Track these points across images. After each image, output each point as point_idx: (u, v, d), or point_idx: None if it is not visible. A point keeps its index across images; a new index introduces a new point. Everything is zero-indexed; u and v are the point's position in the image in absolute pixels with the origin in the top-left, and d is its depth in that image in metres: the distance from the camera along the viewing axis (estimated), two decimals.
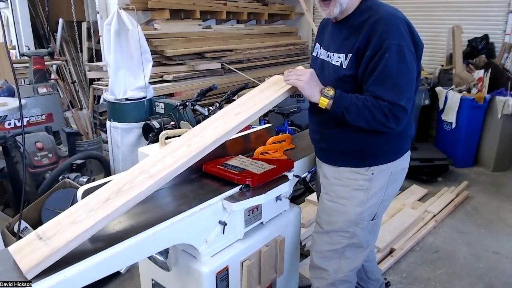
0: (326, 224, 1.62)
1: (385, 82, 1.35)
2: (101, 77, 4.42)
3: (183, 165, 1.26)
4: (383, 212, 1.66)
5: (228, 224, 1.41)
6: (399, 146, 1.57)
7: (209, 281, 1.41)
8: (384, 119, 1.36)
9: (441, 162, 3.95)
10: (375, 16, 1.38)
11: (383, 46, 1.33)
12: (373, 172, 1.53)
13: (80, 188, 1.38)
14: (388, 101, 1.35)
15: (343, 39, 1.48)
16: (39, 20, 5.49)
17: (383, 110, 1.35)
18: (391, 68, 1.33)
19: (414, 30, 1.42)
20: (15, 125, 3.52)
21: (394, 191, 1.65)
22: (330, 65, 1.51)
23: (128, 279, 2.41)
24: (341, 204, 1.56)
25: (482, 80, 4.15)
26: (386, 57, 1.33)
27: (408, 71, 1.37)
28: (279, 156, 1.72)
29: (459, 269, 2.57)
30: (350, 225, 1.57)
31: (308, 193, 3.33)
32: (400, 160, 1.57)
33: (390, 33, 1.34)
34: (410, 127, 1.59)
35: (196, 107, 3.02)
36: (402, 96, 1.35)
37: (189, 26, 4.76)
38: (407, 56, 1.35)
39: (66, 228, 1.05)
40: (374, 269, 1.96)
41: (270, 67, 5.36)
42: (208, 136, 1.36)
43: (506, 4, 4.53)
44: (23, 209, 2.29)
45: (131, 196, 1.13)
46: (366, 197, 1.54)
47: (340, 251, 1.61)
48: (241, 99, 1.58)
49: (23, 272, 0.96)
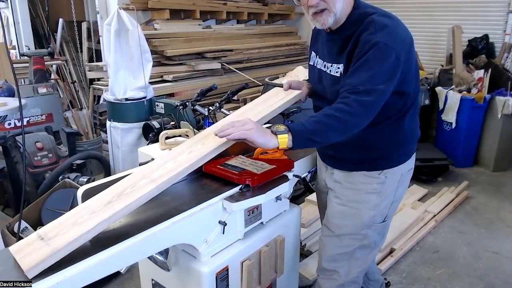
0: (337, 228, 1.59)
1: (361, 73, 1.29)
2: (101, 77, 4.43)
3: (184, 170, 1.28)
4: (393, 213, 1.65)
5: (228, 224, 1.41)
6: (410, 148, 1.59)
7: (209, 281, 1.41)
8: (348, 116, 1.26)
9: (441, 162, 3.95)
10: (368, 19, 1.34)
11: (370, 42, 1.29)
12: (386, 175, 1.52)
13: (80, 188, 1.38)
14: (359, 90, 1.26)
15: (338, 50, 1.44)
16: (39, 20, 5.50)
17: (346, 106, 1.26)
18: (372, 62, 1.28)
19: (410, 35, 1.38)
20: (15, 125, 3.53)
21: (404, 191, 1.65)
22: (329, 76, 1.48)
23: (128, 279, 2.41)
24: (354, 208, 1.55)
25: (482, 80, 4.15)
26: (369, 53, 1.29)
27: (388, 70, 1.29)
28: (279, 156, 1.72)
29: (459, 269, 2.57)
30: (363, 227, 1.55)
31: (308, 193, 3.33)
32: (408, 161, 1.58)
33: (379, 33, 1.29)
34: (416, 128, 1.59)
35: (196, 107, 3.02)
36: (374, 87, 1.27)
37: (189, 26, 4.76)
38: (392, 57, 1.28)
39: (68, 229, 1.06)
40: (374, 270, 1.96)
41: (270, 67, 5.36)
42: (210, 144, 1.39)
43: (506, 4, 4.53)
44: (23, 209, 2.29)
45: (132, 199, 1.15)
46: (379, 200, 1.53)
47: (350, 253, 1.59)
48: (244, 108, 1.62)
49: (24, 271, 0.96)
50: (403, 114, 1.47)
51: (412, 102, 1.48)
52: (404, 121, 1.48)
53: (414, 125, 1.55)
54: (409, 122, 1.50)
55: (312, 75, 1.64)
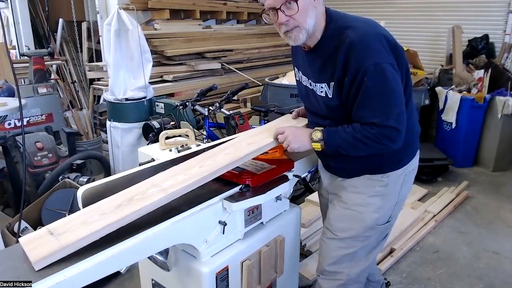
0: (341, 231, 1.58)
1: (370, 105, 1.32)
2: (101, 77, 4.43)
3: (195, 183, 1.30)
4: (398, 213, 1.65)
5: (228, 224, 1.42)
6: (413, 147, 1.58)
7: (209, 281, 1.41)
8: (378, 145, 1.35)
9: (441, 162, 3.95)
10: (346, 41, 1.31)
11: (360, 70, 1.29)
12: (389, 177, 1.52)
13: (80, 188, 1.38)
14: (377, 125, 1.32)
15: (319, 69, 1.43)
16: (39, 20, 5.50)
17: (374, 138, 1.34)
18: (373, 90, 1.30)
19: (390, 38, 1.36)
20: (15, 125, 3.53)
21: (408, 190, 1.64)
22: (316, 94, 1.48)
23: (128, 279, 2.41)
24: (358, 212, 1.54)
25: (482, 80, 4.15)
26: (365, 81, 1.29)
27: (391, 88, 1.32)
28: (279, 156, 1.72)
29: (459, 269, 2.57)
30: (366, 230, 1.55)
31: (308, 193, 3.33)
32: (412, 161, 1.58)
33: (365, 55, 1.29)
34: (415, 125, 1.59)
35: (196, 107, 3.02)
36: (389, 116, 1.32)
37: (189, 26, 4.77)
38: (387, 72, 1.30)
39: (77, 227, 1.10)
40: (374, 272, 1.94)
41: (270, 67, 5.36)
42: (220, 160, 1.41)
43: (506, 4, 4.53)
44: (23, 209, 2.29)
45: (142, 205, 1.18)
46: (383, 202, 1.53)
47: (352, 254, 1.59)
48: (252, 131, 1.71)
49: (32, 262, 0.98)
50: None
51: (406, 101, 1.44)
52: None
53: (412, 123, 1.52)
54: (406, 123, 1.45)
55: (299, 91, 1.64)
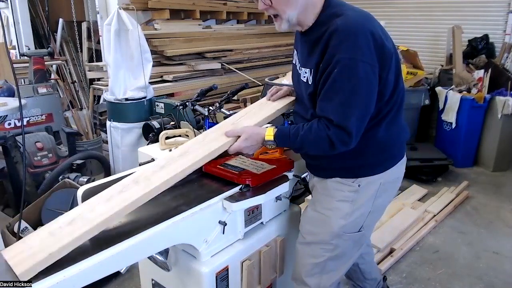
0: (309, 234, 1.55)
1: (332, 99, 1.28)
2: (101, 77, 4.43)
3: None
4: (372, 224, 1.59)
5: (228, 224, 1.41)
6: (391, 155, 1.49)
7: (209, 281, 1.41)
8: (329, 147, 1.32)
9: (441, 162, 3.94)
10: (332, 27, 1.26)
11: (333, 60, 1.25)
12: (360, 183, 1.44)
13: (80, 188, 1.38)
14: (334, 124, 1.28)
15: (307, 54, 1.41)
16: (39, 20, 5.49)
17: (327, 139, 1.30)
18: (340, 84, 1.25)
19: (378, 37, 1.27)
20: (15, 125, 3.53)
21: (385, 202, 1.56)
22: (300, 80, 1.46)
23: (128, 279, 2.41)
24: (325, 215, 1.49)
25: (482, 80, 4.15)
26: (335, 72, 1.25)
27: (359, 87, 1.25)
28: (279, 156, 1.72)
29: (459, 269, 2.57)
30: (333, 237, 1.49)
31: (308, 193, 3.32)
32: (392, 169, 1.49)
33: (343, 46, 1.24)
34: (402, 132, 1.51)
35: (196, 107, 3.02)
36: (349, 117, 1.27)
37: (189, 26, 4.76)
38: (360, 70, 1.23)
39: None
40: (371, 270, 1.92)
41: (270, 67, 5.36)
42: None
43: (506, 4, 4.53)
44: (23, 209, 2.29)
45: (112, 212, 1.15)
46: (351, 209, 1.46)
47: (321, 265, 1.53)
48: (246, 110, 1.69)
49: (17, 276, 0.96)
50: (378, 121, 1.39)
51: (390, 108, 1.39)
52: (379, 129, 1.40)
53: (394, 130, 1.45)
54: (386, 129, 1.41)
55: (292, 74, 1.61)
